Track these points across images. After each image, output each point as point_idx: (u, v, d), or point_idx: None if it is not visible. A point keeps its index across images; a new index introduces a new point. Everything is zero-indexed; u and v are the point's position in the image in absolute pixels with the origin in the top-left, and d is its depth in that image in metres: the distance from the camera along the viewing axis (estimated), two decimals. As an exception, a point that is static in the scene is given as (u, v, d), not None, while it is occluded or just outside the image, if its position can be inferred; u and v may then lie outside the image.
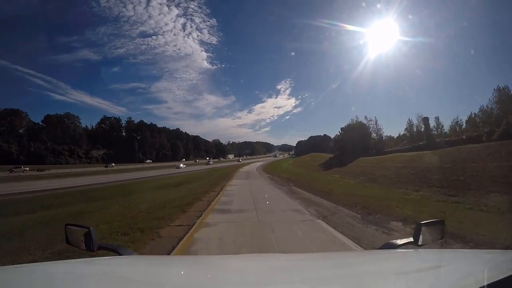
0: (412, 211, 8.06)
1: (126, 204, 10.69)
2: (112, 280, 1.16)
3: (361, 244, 5.01)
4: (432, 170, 16.41)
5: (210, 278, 1.25)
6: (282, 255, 2.69)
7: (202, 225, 6.73)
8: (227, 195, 13.02)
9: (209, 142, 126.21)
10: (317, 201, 10.54)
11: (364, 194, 12.84)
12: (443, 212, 8.10)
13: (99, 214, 8.77)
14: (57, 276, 1.18)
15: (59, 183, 25.64)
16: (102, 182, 26.37)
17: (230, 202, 10.79)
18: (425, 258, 1.47)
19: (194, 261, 1.81)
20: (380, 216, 7.33)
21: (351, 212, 8.07)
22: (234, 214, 8.21)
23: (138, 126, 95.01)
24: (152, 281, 1.16)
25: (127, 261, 1.50)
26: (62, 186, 22.27)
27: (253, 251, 4.45)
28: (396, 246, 1.55)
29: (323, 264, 1.56)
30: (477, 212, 8.43)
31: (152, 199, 11.85)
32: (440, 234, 1.59)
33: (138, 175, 35.37)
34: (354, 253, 3.31)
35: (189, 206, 9.53)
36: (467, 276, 1.03)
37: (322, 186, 15.92)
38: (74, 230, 1.64)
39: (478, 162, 14.34)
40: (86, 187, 22.07)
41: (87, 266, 1.41)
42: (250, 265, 1.56)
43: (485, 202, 9.72)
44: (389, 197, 11.90)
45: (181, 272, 1.40)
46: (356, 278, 1.15)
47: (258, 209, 8.87)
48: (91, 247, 1.53)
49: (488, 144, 17.38)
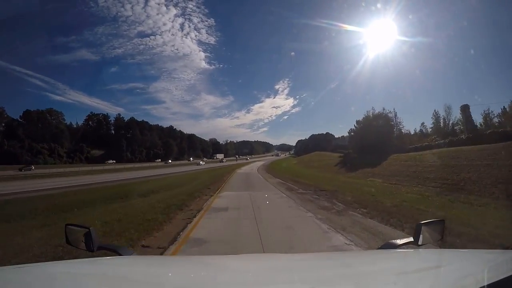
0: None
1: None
2: (112, 280, 1.16)
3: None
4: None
5: (210, 278, 1.25)
6: (282, 255, 2.69)
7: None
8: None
9: (205, 141, 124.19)
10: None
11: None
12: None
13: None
14: (57, 276, 1.18)
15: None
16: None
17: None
18: (425, 258, 1.47)
19: (194, 261, 1.81)
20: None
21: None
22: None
23: (127, 123, 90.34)
24: (152, 281, 1.16)
25: (127, 261, 1.50)
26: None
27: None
28: (396, 246, 1.55)
29: (323, 264, 1.56)
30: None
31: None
32: (440, 234, 1.59)
33: (104, 178, 28.86)
34: (354, 253, 3.31)
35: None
36: (467, 276, 1.02)
37: (410, 208, 8.65)
38: (74, 230, 1.64)
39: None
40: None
41: (87, 266, 1.41)
42: (250, 265, 1.56)
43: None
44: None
45: (181, 272, 1.39)
46: (356, 278, 1.15)
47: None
48: (91, 247, 1.53)
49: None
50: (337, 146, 68.10)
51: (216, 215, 8.07)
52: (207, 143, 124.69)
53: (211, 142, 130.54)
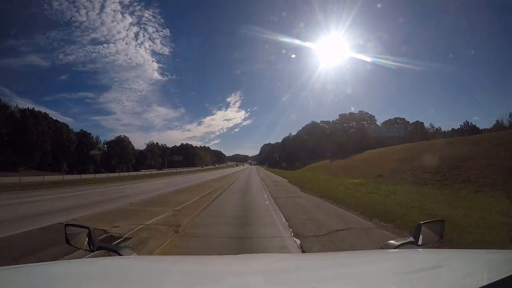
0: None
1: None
2: (112, 280, 1.15)
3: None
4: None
5: (210, 278, 1.25)
6: (282, 255, 2.69)
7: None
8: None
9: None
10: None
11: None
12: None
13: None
14: (57, 276, 1.18)
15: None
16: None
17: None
18: (425, 258, 1.47)
19: (194, 261, 1.80)
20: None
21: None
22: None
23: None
24: (152, 281, 1.16)
25: (127, 261, 1.50)
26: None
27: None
28: (396, 246, 1.55)
29: (323, 264, 1.56)
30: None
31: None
32: (440, 234, 1.59)
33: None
34: (354, 253, 3.30)
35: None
36: (467, 276, 1.03)
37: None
38: (74, 230, 1.64)
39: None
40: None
41: (87, 266, 1.41)
42: (250, 265, 1.57)
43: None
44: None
45: (181, 272, 1.39)
46: (356, 278, 1.15)
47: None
48: (91, 247, 1.53)
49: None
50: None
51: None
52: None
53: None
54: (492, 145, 16.06)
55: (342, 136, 63.12)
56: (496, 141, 16.42)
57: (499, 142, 15.96)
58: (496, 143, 16.05)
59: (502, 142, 15.77)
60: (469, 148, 17.18)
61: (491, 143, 16.44)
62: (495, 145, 15.65)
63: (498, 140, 16.33)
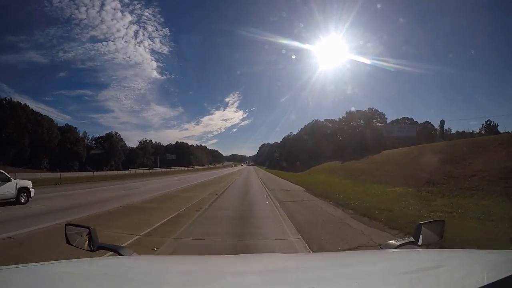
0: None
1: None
2: (112, 280, 1.15)
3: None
4: None
5: (210, 278, 1.25)
6: (282, 255, 2.68)
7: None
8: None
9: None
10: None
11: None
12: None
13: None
14: (57, 276, 1.17)
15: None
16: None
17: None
18: (425, 258, 1.47)
19: (194, 261, 1.80)
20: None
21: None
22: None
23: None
24: (152, 281, 1.16)
25: (127, 261, 1.50)
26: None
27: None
28: (396, 246, 1.55)
29: (323, 264, 1.56)
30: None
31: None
32: (440, 234, 1.59)
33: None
34: (354, 253, 3.31)
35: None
36: (467, 276, 1.03)
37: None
38: (74, 229, 1.64)
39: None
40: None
41: (87, 266, 1.41)
42: (250, 265, 1.56)
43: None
44: None
45: (181, 272, 1.39)
46: (356, 278, 1.15)
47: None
48: (91, 247, 1.53)
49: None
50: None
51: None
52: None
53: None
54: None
55: (352, 135, 58.37)
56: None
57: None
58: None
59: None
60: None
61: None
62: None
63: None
